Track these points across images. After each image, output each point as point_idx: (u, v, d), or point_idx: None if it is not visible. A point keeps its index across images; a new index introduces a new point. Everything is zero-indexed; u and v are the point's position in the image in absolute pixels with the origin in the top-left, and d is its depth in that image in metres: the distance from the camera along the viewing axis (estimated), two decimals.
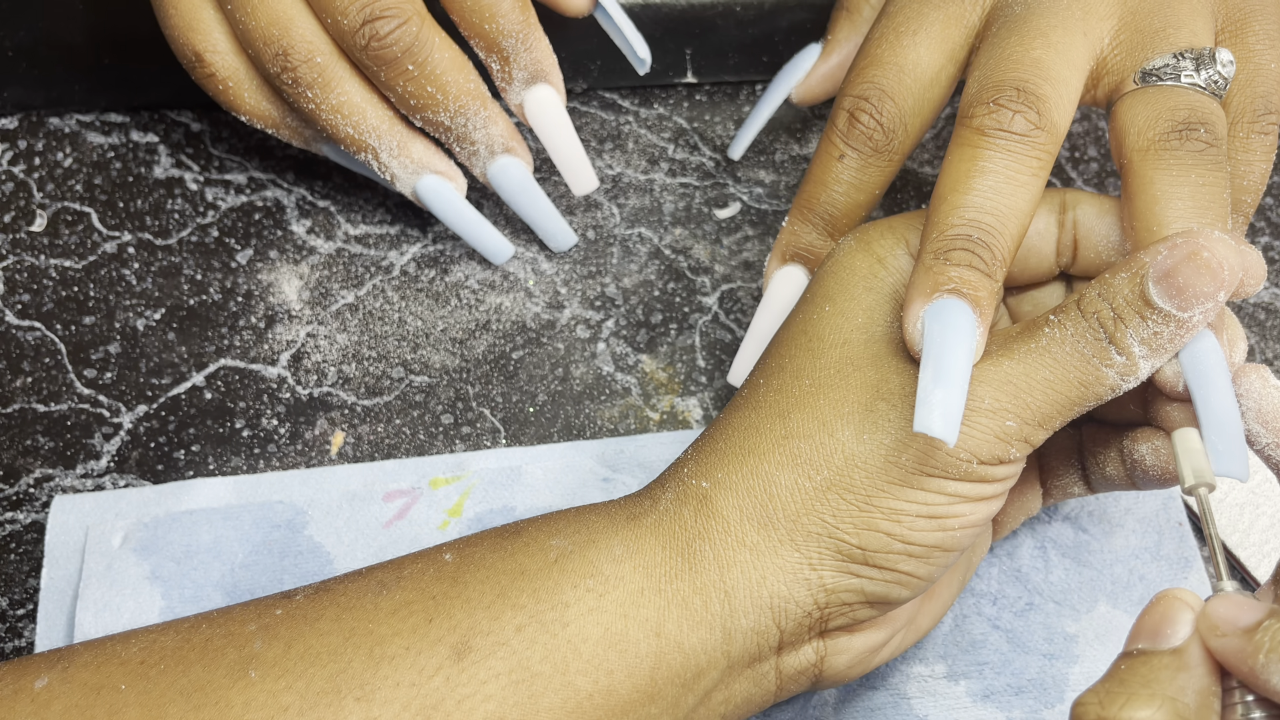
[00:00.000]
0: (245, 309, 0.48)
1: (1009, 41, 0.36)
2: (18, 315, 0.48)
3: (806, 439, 0.34)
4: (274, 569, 0.42)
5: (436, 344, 0.48)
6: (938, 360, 0.31)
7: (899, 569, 0.33)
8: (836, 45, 0.48)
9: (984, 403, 0.32)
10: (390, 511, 0.44)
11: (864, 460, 0.33)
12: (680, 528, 0.34)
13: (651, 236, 0.51)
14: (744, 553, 0.33)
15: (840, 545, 0.33)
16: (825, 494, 0.33)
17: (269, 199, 0.51)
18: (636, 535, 0.34)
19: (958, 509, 0.33)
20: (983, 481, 0.33)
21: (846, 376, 0.34)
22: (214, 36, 0.44)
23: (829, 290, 0.36)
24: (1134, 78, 0.36)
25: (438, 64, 0.43)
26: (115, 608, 0.41)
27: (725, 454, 0.35)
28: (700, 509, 0.34)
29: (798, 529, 0.33)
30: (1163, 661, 0.28)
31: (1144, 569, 0.43)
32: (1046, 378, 0.32)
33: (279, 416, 0.46)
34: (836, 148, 0.39)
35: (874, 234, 0.37)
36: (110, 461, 0.45)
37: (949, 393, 0.31)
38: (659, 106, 0.54)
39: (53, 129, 0.52)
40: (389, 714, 0.31)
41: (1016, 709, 0.41)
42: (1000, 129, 0.34)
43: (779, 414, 0.34)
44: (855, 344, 0.35)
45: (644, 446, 0.45)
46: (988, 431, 0.32)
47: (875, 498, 0.33)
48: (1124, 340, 0.32)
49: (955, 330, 0.32)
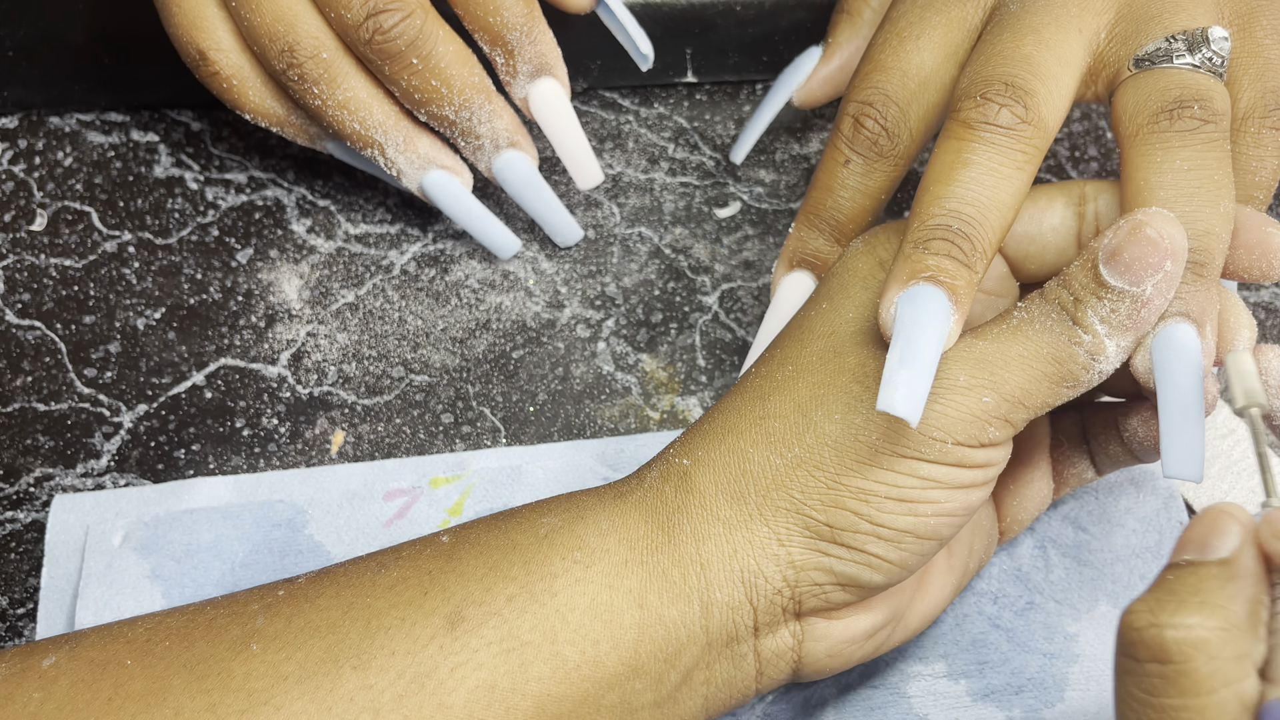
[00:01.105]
0: (245, 308, 0.48)
1: (1001, 38, 0.36)
2: (18, 314, 0.48)
3: (782, 419, 0.35)
4: (274, 568, 0.42)
5: (437, 343, 0.48)
6: (906, 342, 0.32)
7: (867, 550, 0.34)
8: (837, 48, 0.48)
9: (958, 381, 0.33)
10: (390, 510, 0.44)
11: (834, 438, 0.34)
12: (662, 502, 0.35)
13: (652, 236, 0.51)
14: (718, 526, 0.34)
15: (808, 522, 0.34)
16: (795, 470, 0.34)
17: (269, 198, 0.51)
18: (622, 510, 0.35)
19: (932, 494, 0.33)
20: (960, 465, 0.33)
21: (827, 362, 0.35)
22: (218, 34, 0.44)
23: (830, 289, 0.37)
24: (1128, 65, 0.36)
25: (442, 57, 0.43)
26: (115, 607, 0.41)
27: (707, 434, 0.36)
28: (680, 484, 0.35)
29: (767, 504, 0.34)
30: (1211, 571, 0.29)
31: (1145, 568, 0.44)
32: (1020, 353, 0.33)
33: (279, 416, 0.46)
34: (842, 153, 0.39)
35: (881, 238, 0.37)
36: (110, 461, 0.45)
37: (913, 373, 0.31)
38: (659, 106, 0.54)
39: (53, 128, 0.52)
40: (384, 681, 0.32)
41: (1017, 708, 0.41)
42: (986, 122, 0.34)
43: (759, 396, 0.35)
44: (841, 334, 0.35)
45: (644, 446, 0.45)
46: (963, 409, 0.33)
47: (844, 476, 0.33)
48: (1085, 319, 0.33)
49: (927, 314, 0.32)
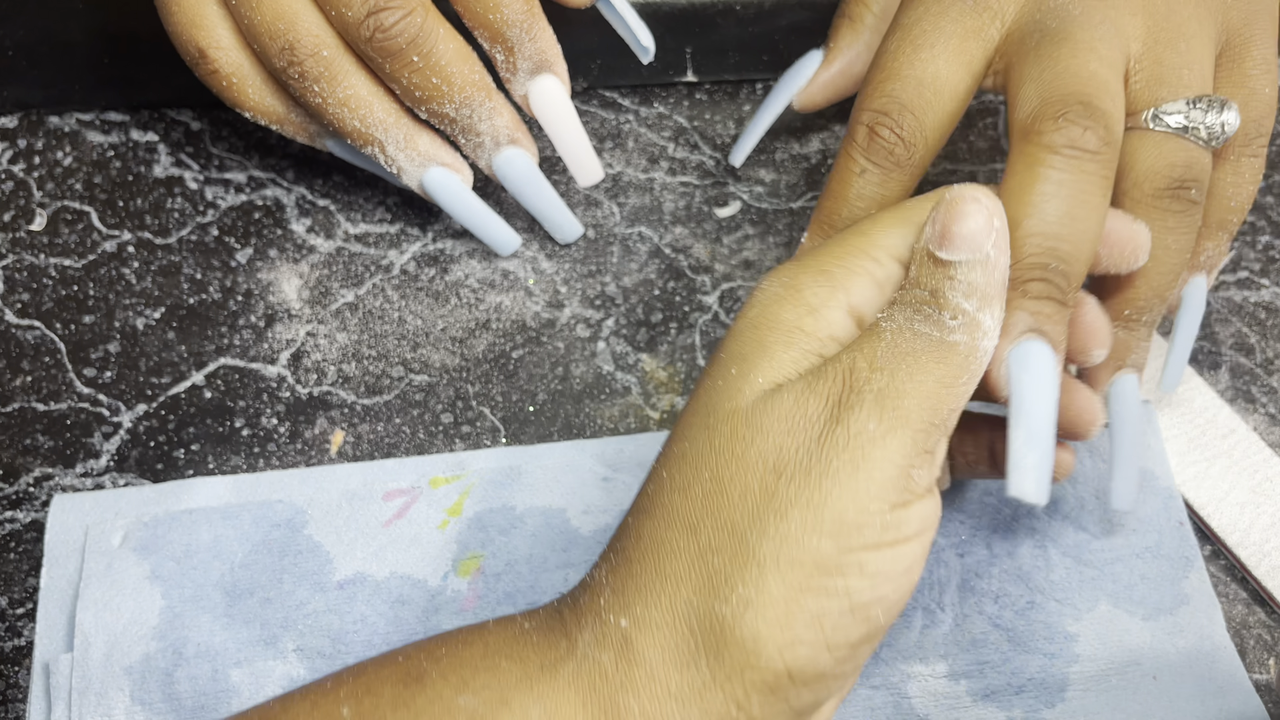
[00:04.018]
0: (245, 308, 0.48)
1: (1059, 53, 0.35)
2: (17, 314, 0.48)
3: (718, 553, 0.31)
4: (274, 568, 0.42)
5: (436, 343, 0.48)
6: (1029, 417, 0.31)
7: (825, 675, 0.31)
8: (839, 53, 0.48)
9: (868, 429, 0.31)
10: (390, 510, 0.44)
11: (777, 562, 0.30)
12: (602, 679, 0.31)
13: (652, 235, 0.51)
14: (670, 703, 0.30)
15: (765, 677, 0.30)
16: (743, 615, 0.30)
17: (269, 198, 0.51)
18: (554, 689, 0.31)
19: (881, 590, 0.30)
20: (900, 543, 0.31)
21: (740, 457, 0.31)
22: (218, 32, 0.44)
23: (742, 348, 0.33)
24: (1146, 116, 0.37)
25: (442, 55, 0.43)
26: (115, 607, 0.41)
27: (641, 581, 0.32)
28: (621, 654, 0.31)
29: (720, 666, 0.30)
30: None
31: (1145, 568, 0.43)
32: (907, 369, 0.31)
33: (279, 415, 0.46)
34: (857, 163, 0.39)
35: (805, 279, 0.34)
36: (110, 460, 0.45)
37: (1042, 453, 0.31)
38: (659, 105, 0.54)
39: (53, 128, 0.52)
40: None
41: (1017, 708, 0.41)
42: (1071, 146, 0.33)
43: (689, 527, 0.31)
44: (744, 410, 0.32)
45: (644, 446, 0.45)
46: (887, 465, 0.30)
47: (796, 602, 0.30)
48: (948, 300, 0.32)
49: (1042, 380, 0.32)
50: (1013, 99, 0.36)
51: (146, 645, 0.41)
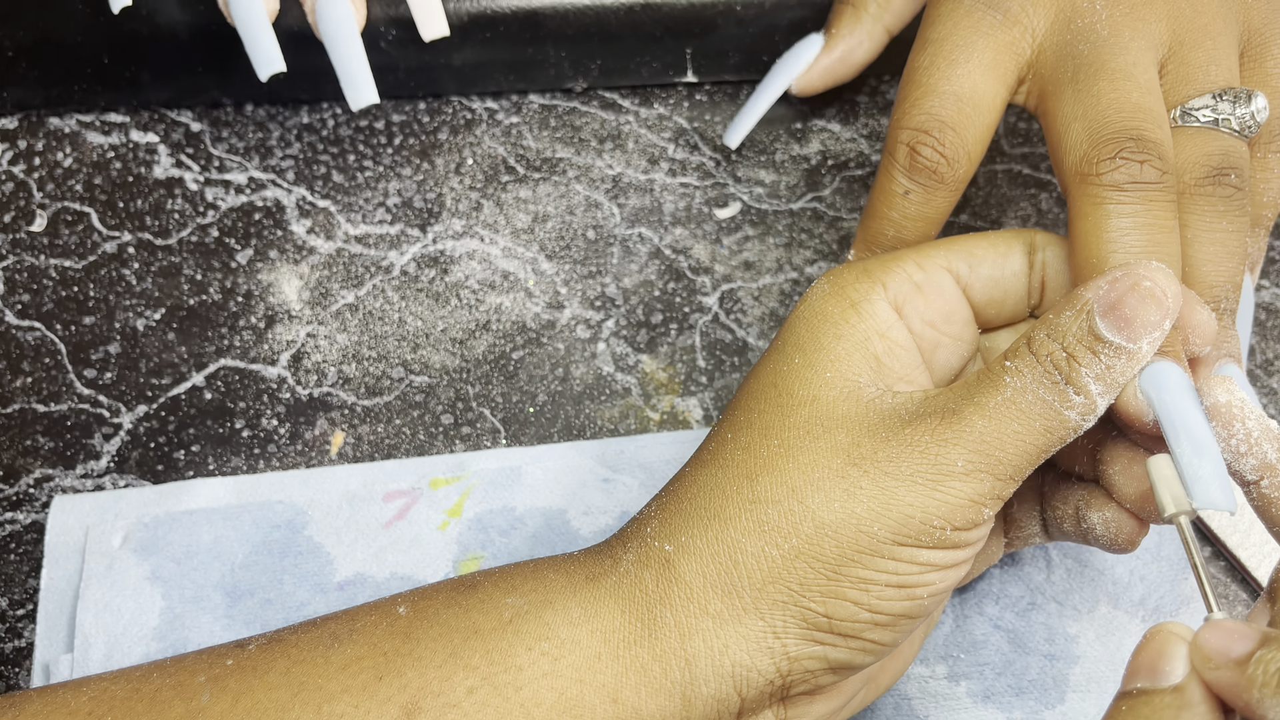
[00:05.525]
0: (245, 309, 0.48)
1: (1099, 87, 0.36)
2: (18, 315, 0.48)
3: (774, 505, 0.33)
4: (274, 569, 0.42)
5: (436, 344, 0.48)
6: (1186, 432, 0.32)
7: (865, 637, 0.33)
8: (839, 39, 0.48)
9: (957, 466, 0.32)
10: (390, 512, 0.44)
11: (835, 529, 0.32)
12: (641, 592, 0.33)
13: (652, 236, 0.51)
14: (706, 620, 0.33)
15: (806, 614, 0.32)
16: (793, 562, 0.32)
17: (269, 199, 0.51)
18: (595, 597, 0.33)
19: (928, 577, 0.33)
20: (955, 548, 0.33)
21: (816, 438, 0.33)
22: None
23: (799, 338, 0.35)
24: (1174, 115, 0.37)
25: None
26: (115, 608, 0.41)
27: (690, 516, 0.34)
28: (663, 573, 0.33)
29: (763, 597, 0.32)
30: (1164, 700, 0.28)
31: (1145, 569, 0.43)
32: (1015, 430, 0.32)
33: (279, 416, 0.46)
34: (900, 184, 0.38)
35: (848, 277, 0.36)
36: (110, 461, 0.45)
37: (1214, 462, 0.31)
38: (659, 106, 0.54)
39: (53, 129, 0.52)
40: None
41: (1017, 709, 0.41)
42: (1135, 181, 0.34)
43: (746, 476, 0.34)
44: (824, 401, 0.34)
45: (644, 447, 0.45)
46: (961, 496, 0.32)
47: (845, 567, 0.32)
48: (1080, 379, 0.32)
49: (1183, 395, 0.32)
50: (1059, 137, 0.36)
51: (147, 646, 0.41)
